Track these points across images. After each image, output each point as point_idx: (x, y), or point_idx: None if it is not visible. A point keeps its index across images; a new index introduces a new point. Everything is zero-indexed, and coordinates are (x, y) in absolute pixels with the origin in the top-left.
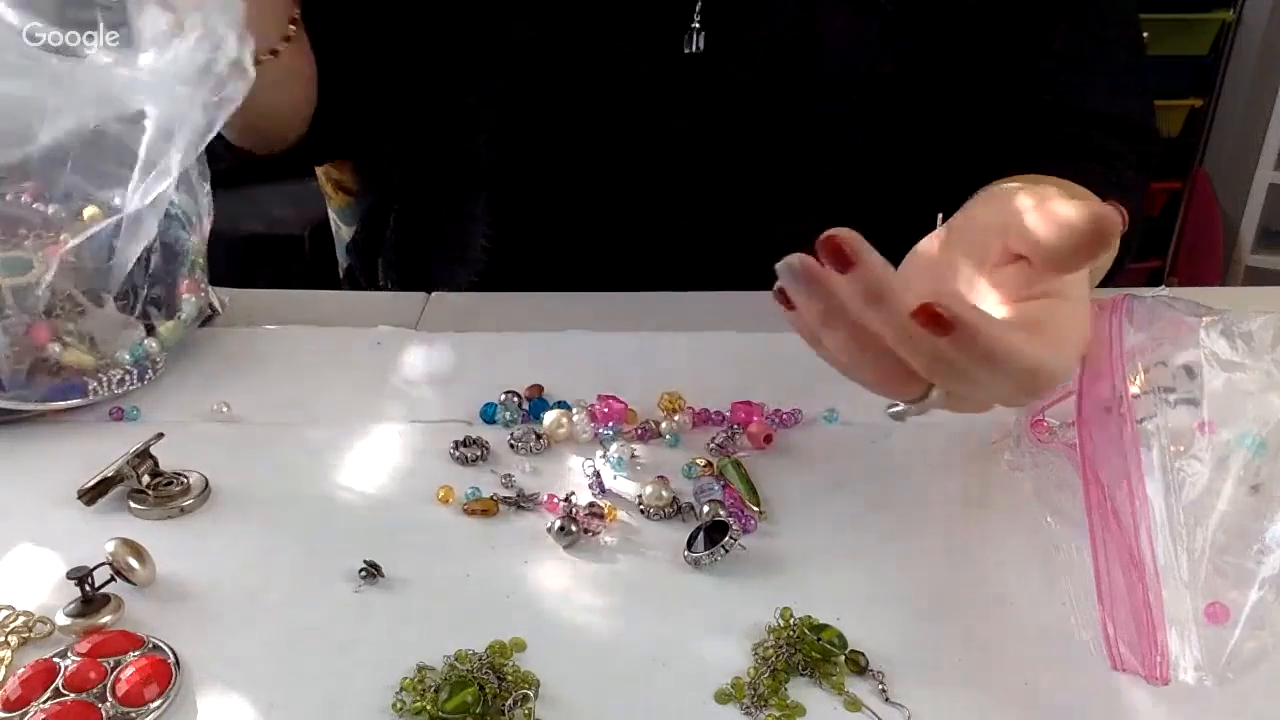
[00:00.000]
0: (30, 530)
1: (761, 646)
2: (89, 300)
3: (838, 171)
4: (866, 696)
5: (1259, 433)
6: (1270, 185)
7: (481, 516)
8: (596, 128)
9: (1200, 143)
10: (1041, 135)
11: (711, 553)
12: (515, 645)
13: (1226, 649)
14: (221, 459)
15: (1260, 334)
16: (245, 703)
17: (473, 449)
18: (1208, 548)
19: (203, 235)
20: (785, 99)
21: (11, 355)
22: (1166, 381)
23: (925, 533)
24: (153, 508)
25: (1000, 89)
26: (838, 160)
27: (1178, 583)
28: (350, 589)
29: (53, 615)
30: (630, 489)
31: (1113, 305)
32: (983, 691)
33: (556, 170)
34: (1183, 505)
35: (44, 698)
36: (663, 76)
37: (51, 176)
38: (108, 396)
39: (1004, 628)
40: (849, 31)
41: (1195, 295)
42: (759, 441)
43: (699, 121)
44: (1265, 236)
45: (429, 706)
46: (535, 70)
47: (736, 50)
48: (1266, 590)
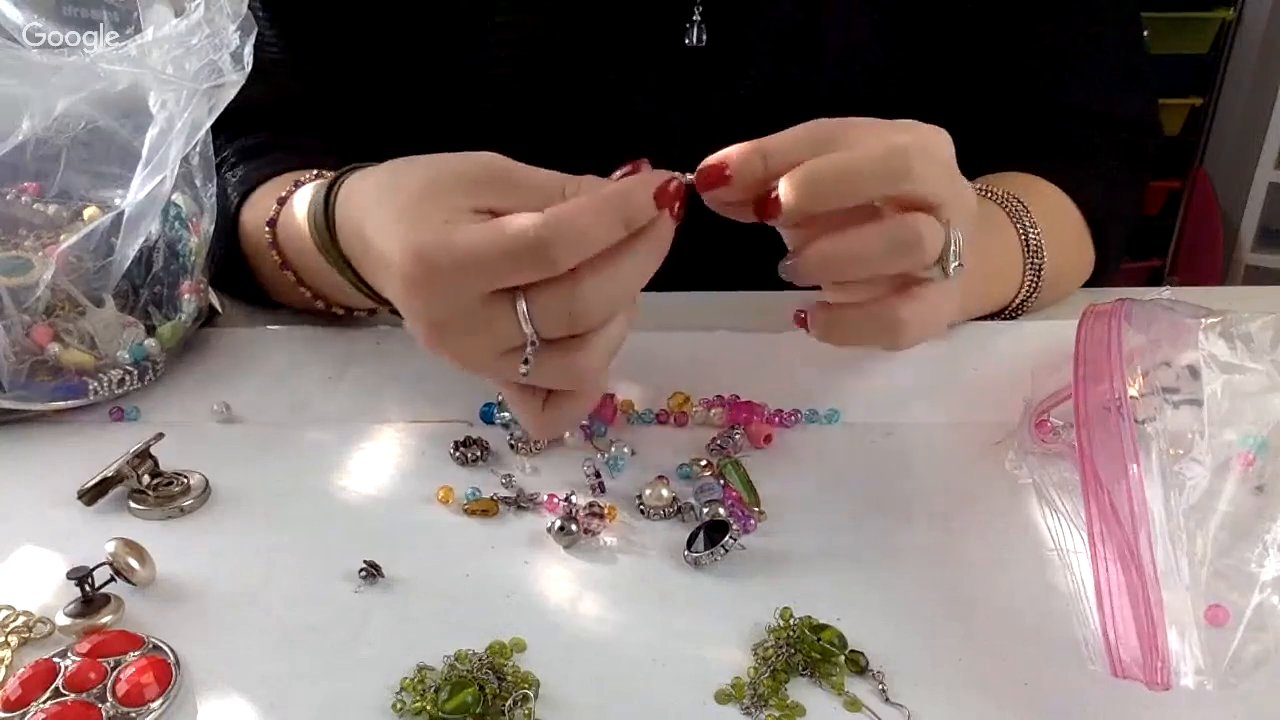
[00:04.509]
0: (30, 530)
1: (761, 646)
2: (89, 300)
3: None
4: (866, 696)
5: (1259, 433)
6: (1270, 184)
7: (481, 516)
8: (596, 121)
9: (1200, 142)
10: (1018, 133)
11: (711, 553)
12: (515, 645)
13: (1228, 652)
14: (221, 459)
15: (1260, 335)
16: (245, 703)
17: (473, 449)
18: (1209, 550)
19: (203, 235)
20: (785, 94)
21: (12, 355)
22: (1170, 382)
23: (925, 533)
24: (153, 508)
25: (989, 85)
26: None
27: (1178, 586)
28: (350, 589)
29: (53, 615)
30: (630, 489)
31: (1112, 309)
32: (983, 691)
33: (555, 164)
34: (1183, 509)
35: (44, 698)
36: (663, 70)
37: (47, 172)
38: (108, 396)
39: (1004, 628)
40: (849, 26)
41: (1195, 294)
42: (759, 441)
43: (699, 116)
44: (1265, 236)
45: (429, 706)
46: (536, 63)
47: (737, 45)
48: (1269, 593)
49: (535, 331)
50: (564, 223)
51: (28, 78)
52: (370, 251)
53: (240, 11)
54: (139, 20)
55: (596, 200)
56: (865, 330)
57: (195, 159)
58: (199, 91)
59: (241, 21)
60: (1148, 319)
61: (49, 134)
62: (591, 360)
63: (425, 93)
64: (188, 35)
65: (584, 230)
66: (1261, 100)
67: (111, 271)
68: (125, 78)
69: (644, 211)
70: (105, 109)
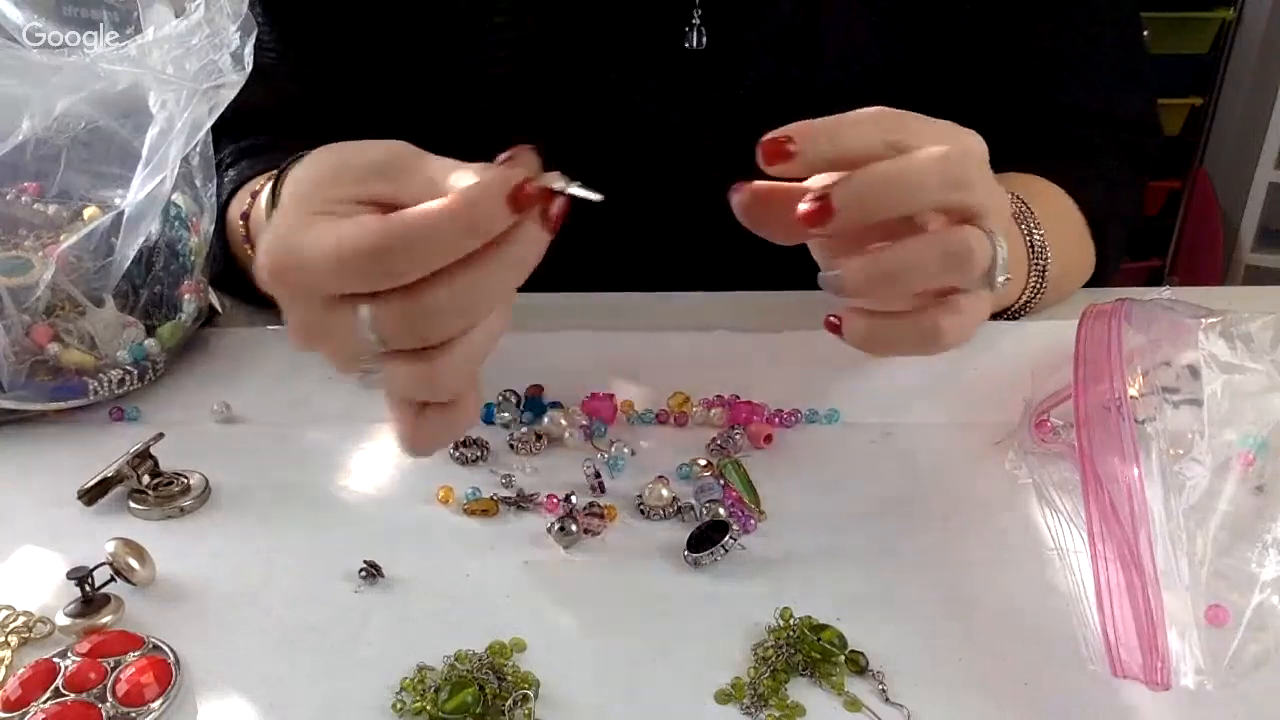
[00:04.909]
0: (30, 530)
1: (761, 646)
2: (89, 300)
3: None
4: (866, 696)
5: (1259, 433)
6: (1270, 184)
7: (481, 516)
8: (596, 121)
9: (1200, 141)
10: (1018, 133)
11: (711, 553)
12: (515, 645)
13: (1228, 652)
14: (221, 459)
15: (1260, 335)
16: (245, 703)
17: (472, 449)
18: (1209, 550)
19: (203, 235)
20: (785, 96)
21: (12, 355)
22: (1170, 382)
23: (925, 533)
24: (153, 508)
25: (989, 86)
26: None
27: (1178, 586)
28: (350, 589)
29: (53, 615)
30: (630, 489)
31: (1112, 309)
32: (983, 691)
33: (555, 164)
34: (1183, 509)
35: (44, 698)
36: (663, 75)
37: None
38: (108, 396)
39: (1004, 628)
40: (848, 27)
41: (1195, 294)
42: (759, 441)
43: (699, 121)
44: (1265, 236)
45: (429, 706)
46: (536, 63)
47: (737, 47)
48: (1269, 593)
49: (379, 339)
50: (405, 231)
51: (28, 78)
52: None
53: (240, 12)
54: (139, 20)
55: (441, 207)
56: (904, 340)
57: (195, 159)
58: (199, 91)
59: (241, 21)
60: (1148, 319)
61: (49, 134)
62: (443, 372)
63: (425, 93)
64: (188, 35)
65: (426, 239)
66: (1261, 100)
67: (111, 271)
68: (125, 78)
69: (495, 219)
70: (105, 109)
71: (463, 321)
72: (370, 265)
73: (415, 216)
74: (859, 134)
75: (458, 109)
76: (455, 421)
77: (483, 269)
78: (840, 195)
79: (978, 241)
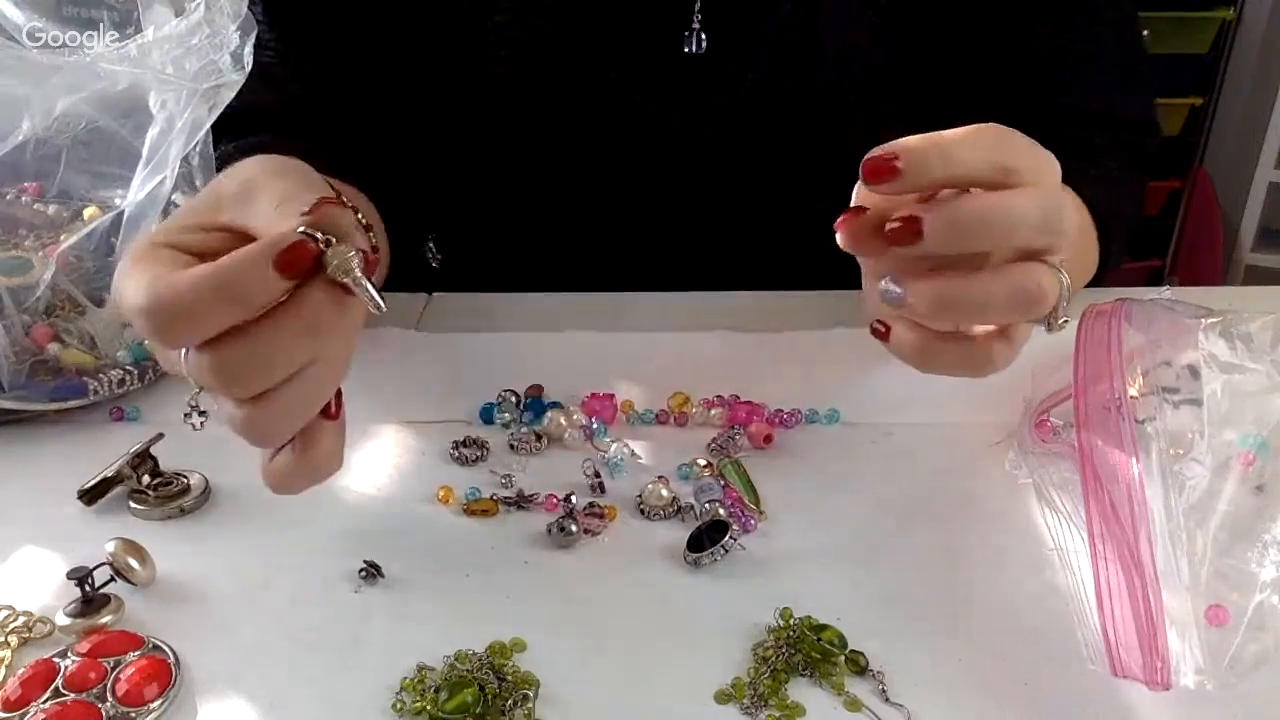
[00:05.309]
0: (30, 530)
1: (761, 646)
2: (89, 300)
3: (838, 171)
4: (866, 696)
5: (1259, 433)
6: (1270, 184)
7: (481, 516)
8: (596, 121)
9: (1200, 141)
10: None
11: (711, 553)
12: (515, 645)
13: (1228, 652)
14: (221, 459)
15: (1260, 335)
16: (245, 703)
17: (472, 449)
18: (1209, 550)
19: None
20: (785, 99)
21: (12, 355)
22: (1170, 382)
23: (925, 533)
24: (153, 508)
25: (989, 87)
26: (838, 160)
27: (1178, 586)
28: (350, 589)
29: (53, 615)
30: (630, 489)
31: (1112, 309)
32: (983, 691)
33: (555, 164)
34: (1183, 509)
35: (44, 698)
36: (663, 77)
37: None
38: (108, 396)
39: (1004, 628)
40: (848, 31)
41: (1195, 294)
42: (759, 441)
43: (699, 122)
44: (1265, 236)
45: (429, 706)
46: (536, 63)
47: (736, 51)
48: (1269, 593)
49: (197, 383)
50: (171, 296)
51: (28, 78)
52: None
53: (240, 11)
54: (139, 20)
55: (203, 273)
56: (954, 362)
57: (195, 159)
58: (199, 91)
59: (241, 21)
60: (1148, 319)
61: (49, 134)
62: (262, 421)
63: (426, 92)
64: (188, 35)
65: (189, 306)
66: (1261, 100)
67: (111, 271)
68: (125, 78)
69: (260, 286)
70: (105, 109)
71: (264, 378)
72: (145, 325)
73: (177, 283)
74: (967, 155)
75: (458, 108)
76: (312, 466)
77: (273, 330)
78: (934, 223)
79: (1050, 284)
